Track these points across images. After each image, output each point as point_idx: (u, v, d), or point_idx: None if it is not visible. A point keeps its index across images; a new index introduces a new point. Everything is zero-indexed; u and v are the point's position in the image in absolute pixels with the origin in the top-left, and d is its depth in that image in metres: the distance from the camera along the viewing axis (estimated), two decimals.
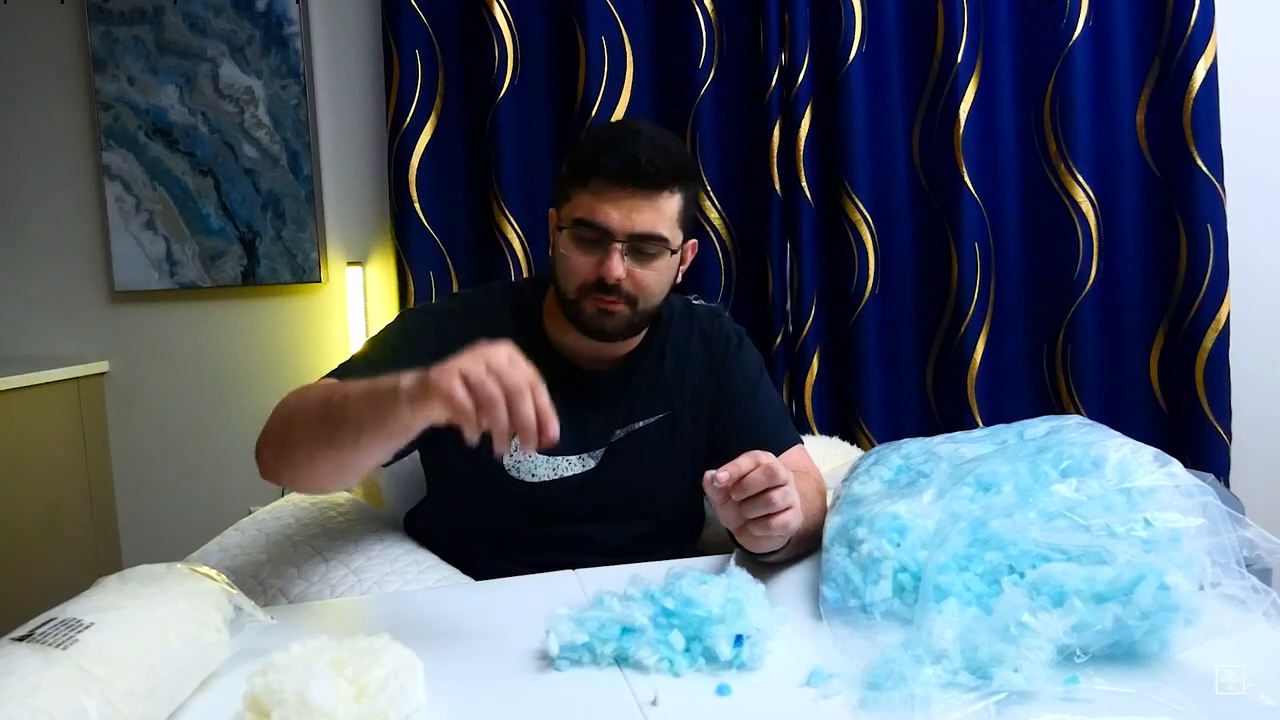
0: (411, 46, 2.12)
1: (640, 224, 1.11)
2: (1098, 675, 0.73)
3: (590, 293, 1.13)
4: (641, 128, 1.13)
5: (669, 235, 1.13)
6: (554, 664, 0.81)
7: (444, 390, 0.82)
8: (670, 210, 1.13)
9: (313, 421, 0.97)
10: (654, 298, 1.17)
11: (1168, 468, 0.85)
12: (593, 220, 1.11)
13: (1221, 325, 2.09)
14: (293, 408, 1.03)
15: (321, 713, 0.64)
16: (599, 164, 1.11)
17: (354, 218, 2.32)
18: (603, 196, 1.11)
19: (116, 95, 2.28)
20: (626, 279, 1.12)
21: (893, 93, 2.15)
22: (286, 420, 1.03)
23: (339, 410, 0.94)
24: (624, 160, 1.09)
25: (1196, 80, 2.05)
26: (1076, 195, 2.12)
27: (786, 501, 0.92)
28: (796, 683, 0.77)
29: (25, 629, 0.70)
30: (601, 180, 1.11)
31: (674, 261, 1.17)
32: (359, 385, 0.93)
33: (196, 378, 2.37)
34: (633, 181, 1.10)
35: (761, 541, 0.96)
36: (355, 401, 0.92)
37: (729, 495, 0.92)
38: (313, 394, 1.02)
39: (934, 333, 2.21)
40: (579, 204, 1.13)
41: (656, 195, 1.12)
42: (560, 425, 1.20)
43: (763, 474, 0.90)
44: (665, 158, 1.11)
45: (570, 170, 1.16)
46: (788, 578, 1.03)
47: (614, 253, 1.11)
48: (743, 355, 1.29)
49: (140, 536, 2.40)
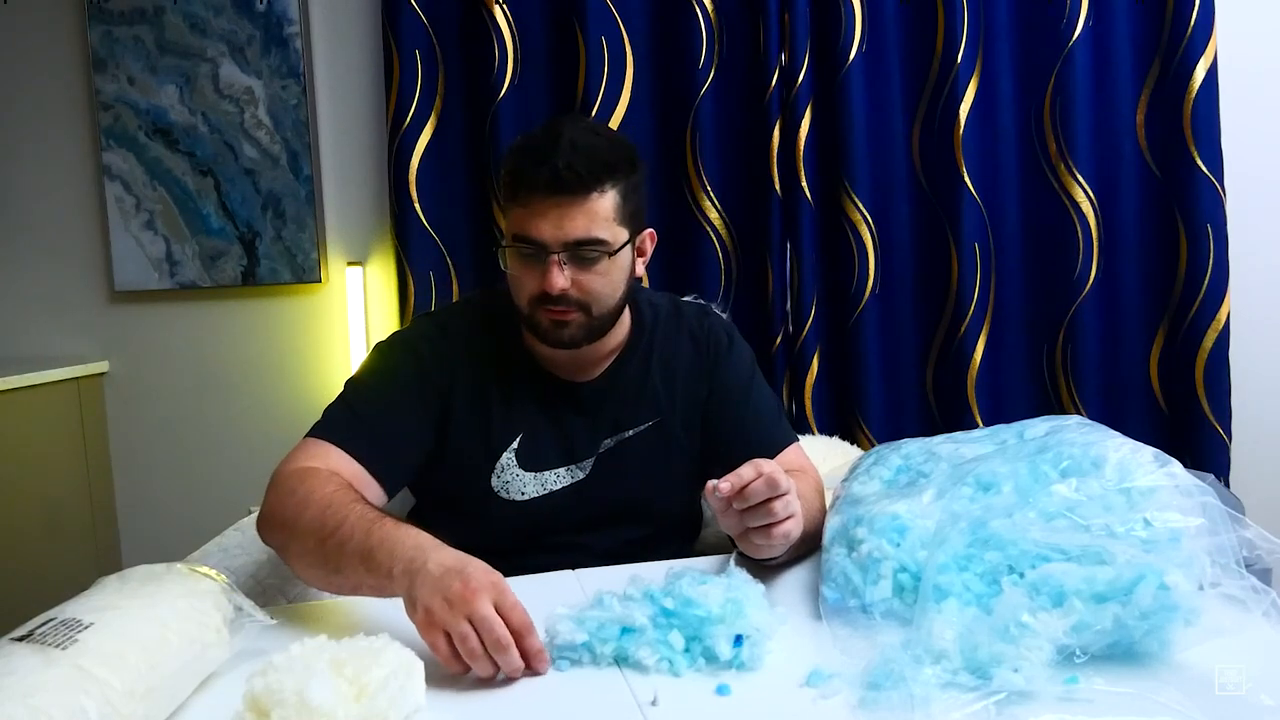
0: (411, 46, 2.12)
1: (573, 231, 1.08)
2: (1098, 675, 0.73)
3: (540, 305, 1.12)
4: (565, 129, 1.08)
5: (607, 236, 1.10)
6: (554, 664, 0.81)
7: (428, 639, 0.81)
8: (604, 210, 1.09)
9: (309, 550, 0.96)
10: (607, 299, 1.14)
11: (1168, 468, 0.85)
12: (526, 235, 1.09)
13: (1221, 325, 2.09)
14: (289, 519, 0.99)
15: (321, 713, 0.64)
16: (524, 177, 1.09)
17: (354, 218, 2.32)
18: (532, 209, 1.08)
19: (116, 95, 2.28)
20: (572, 287, 1.09)
21: (893, 93, 2.15)
22: (283, 524, 1.00)
23: (336, 553, 0.92)
24: (545, 171, 1.06)
25: (1196, 80, 2.05)
26: (1076, 195, 2.12)
27: (788, 511, 0.92)
28: (796, 683, 0.77)
29: (25, 629, 0.70)
30: (528, 193, 1.08)
31: (622, 260, 1.13)
32: (357, 536, 0.91)
33: (196, 378, 2.37)
34: (557, 190, 1.07)
35: (762, 549, 0.96)
36: (351, 556, 0.91)
37: (730, 504, 0.92)
38: (306, 511, 0.97)
39: (934, 333, 2.21)
40: (514, 218, 1.11)
41: (584, 199, 1.08)
42: (545, 437, 1.20)
43: (764, 484, 0.90)
44: (587, 160, 1.07)
45: (503, 185, 1.14)
46: (788, 578, 1.03)
47: (552, 265, 1.08)
48: (734, 355, 1.27)
49: (140, 536, 2.40)
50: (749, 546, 0.97)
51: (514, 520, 1.19)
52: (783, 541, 0.94)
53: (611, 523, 1.22)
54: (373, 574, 0.88)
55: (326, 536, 0.93)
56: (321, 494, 0.98)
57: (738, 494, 0.91)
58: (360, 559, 0.89)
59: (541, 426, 1.20)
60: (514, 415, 1.19)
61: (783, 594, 0.98)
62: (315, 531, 0.95)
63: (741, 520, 0.93)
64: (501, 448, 1.18)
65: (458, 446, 1.18)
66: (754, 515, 0.92)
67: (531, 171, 1.07)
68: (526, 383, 1.21)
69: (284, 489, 1.02)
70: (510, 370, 1.20)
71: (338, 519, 0.94)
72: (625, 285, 1.16)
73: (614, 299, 1.15)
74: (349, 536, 0.91)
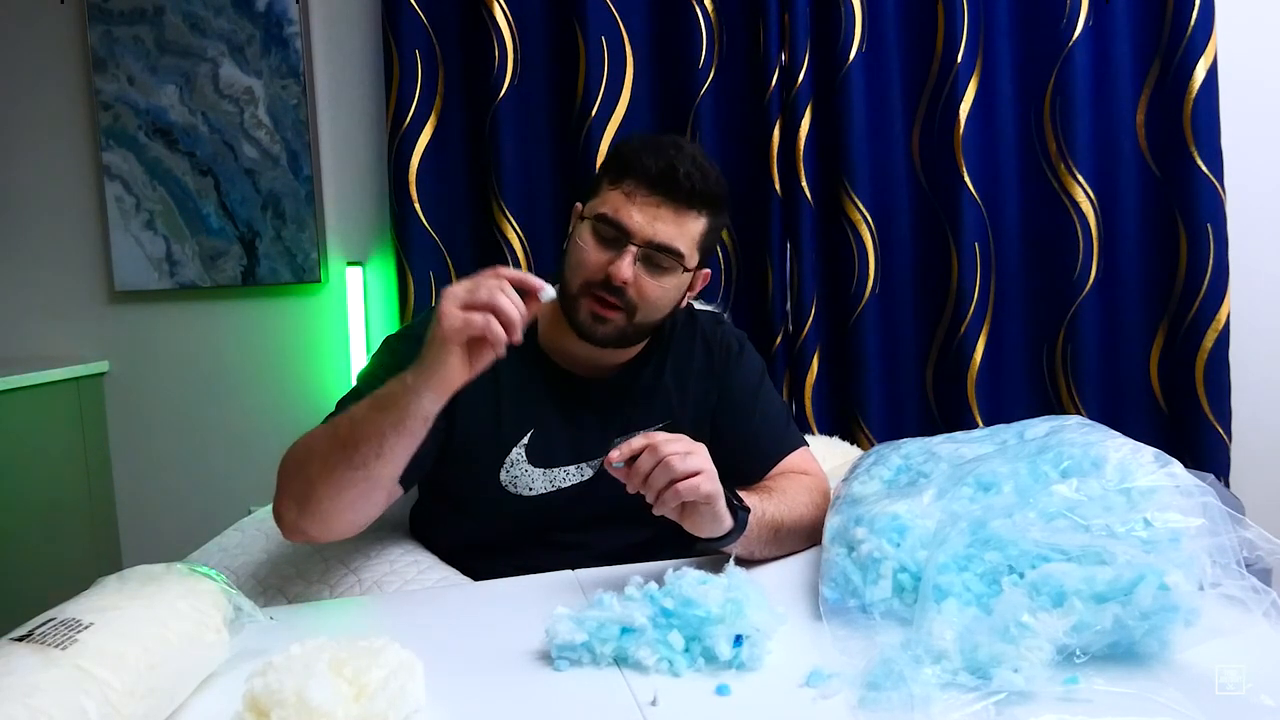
0: (411, 46, 2.12)
1: (661, 234, 1.10)
2: (1098, 675, 0.73)
3: (592, 290, 1.12)
4: (688, 147, 1.13)
5: (686, 253, 1.12)
6: (553, 664, 0.81)
7: (453, 325, 0.92)
8: (694, 230, 1.13)
9: (329, 454, 0.99)
10: (654, 312, 1.15)
11: (1168, 468, 0.85)
12: (616, 219, 1.10)
13: (1221, 325, 2.09)
14: (301, 454, 1.03)
15: (321, 713, 0.64)
16: (637, 165, 1.11)
17: (354, 218, 2.32)
18: (632, 198, 1.10)
19: (116, 95, 2.28)
20: (632, 285, 1.11)
21: (893, 93, 2.15)
22: (299, 467, 1.02)
23: (352, 433, 0.97)
24: (662, 167, 1.09)
25: (1196, 80, 2.05)
26: (1076, 195, 2.12)
27: (686, 467, 0.94)
28: (796, 683, 0.77)
29: (25, 629, 0.70)
30: (634, 181, 1.11)
31: (683, 281, 1.16)
32: (362, 405, 0.98)
33: (196, 378, 2.37)
34: (665, 190, 1.10)
35: (695, 520, 0.98)
36: (366, 417, 0.97)
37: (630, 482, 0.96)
38: (316, 435, 1.03)
39: (934, 333, 2.21)
40: (607, 199, 1.12)
41: (685, 211, 1.11)
42: (557, 434, 1.21)
43: (648, 455, 0.94)
44: (703, 178, 1.11)
45: (607, 166, 1.16)
46: (788, 578, 1.03)
47: (627, 254, 1.10)
48: (744, 361, 1.29)
49: (140, 536, 2.40)
50: (689, 522, 0.99)
51: (520, 516, 1.20)
52: (695, 495, 0.95)
53: (616, 523, 1.22)
54: (391, 402, 0.96)
55: (336, 428, 1.00)
56: (319, 427, 1.05)
57: (629, 474, 0.95)
58: (374, 406, 0.97)
59: (553, 423, 1.20)
60: (526, 411, 1.20)
61: (783, 594, 0.98)
62: (329, 436, 1.00)
63: (648, 490, 0.95)
64: (512, 442, 1.19)
65: (466, 440, 1.18)
66: (656, 478, 0.94)
67: (651, 163, 1.10)
68: (541, 379, 1.22)
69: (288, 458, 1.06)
70: (525, 366, 1.21)
71: (343, 417, 1.01)
72: (671, 308, 1.18)
73: (660, 314, 1.17)
74: (355, 411, 0.99)
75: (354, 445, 0.96)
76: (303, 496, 1.01)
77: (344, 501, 1.00)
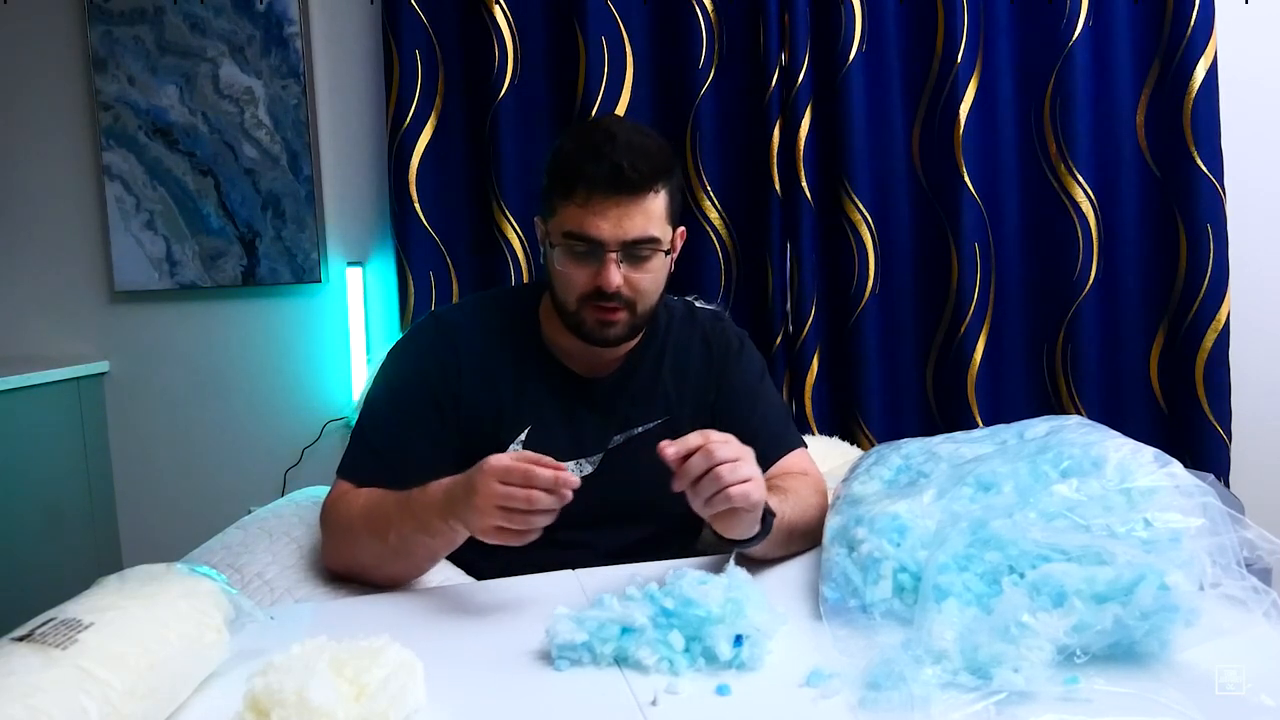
0: (411, 46, 2.12)
1: (632, 230, 1.10)
2: (1098, 675, 0.73)
3: (589, 302, 1.12)
4: (616, 129, 1.10)
5: (660, 235, 1.12)
6: (554, 664, 0.81)
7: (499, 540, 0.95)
8: (658, 209, 1.12)
9: (381, 557, 1.07)
10: (653, 297, 1.17)
11: (1168, 468, 0.85)
12: (583, 233, 1.10)
13: (1221, 325, 2.09)
14: (346, 541, 1.11)
15: (321, 713, 0.64)
16: (582, 174, 1.09)
17: (354, 218, 2.32)
18: (590, 207, 1.09)
19: (116, 95, 2.28)
20: (624, 285, 1.11)
21: (893, 93, 2.15)
22: (347, 545, 1.12)
23: (403, 545, 1.05)
24: (607, 168, 1.07)
25: (1196, 80, 2.05)
26: (1076, 195, 2.12)
27: (736, 475, 0.93)
28: (796, 683, 0.77)
29: (25, 629, 0.70)
30: (586, 191, 1.09)
31: (668, 260, 1.17)
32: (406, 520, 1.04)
33: (196, 378, 2.37)
34: (618, 189, 1.08)
35: (732, 523, 0.97)
36: (414, 538, 1.04)
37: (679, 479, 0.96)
38: (357, 521, 1.10)
39: (934, 333, 2.21)
40: (567, 216, 1.11)
41: (643, 198, 1.10)
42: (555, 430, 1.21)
43: (701, 457, 0.93)
44: (646, 159, 1.09)
45: (553, 181, 1.14)
46: (788, 578, 1.03)
47: (609, 263, 1.10)
48: (744, 359, 1.29)
49: (140, 536, 2.40)
50: (722, 524, 0.97)
51: None
52: (743, 502, 0.94)
53: (616, 520, 1.22)
54: (437, 536, 1.02)
55: (385, 532, 1.05)
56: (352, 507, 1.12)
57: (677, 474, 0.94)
58: (418, 530, 1.03)
59: (552, 420, 1.20)
60: (524, 407, 1.20)
61: (783, 594, 0.98)
62: (379, 547, 1.07)
63: (696, 494, 0.94)
64: (509, 438, 1.19)
65: (466, 436, 1.18)
66: (705, 485, 0.93)
67: (592, 169, 1.08)
68: (539, 376, 1.22)
69: (331, 523, 1.14)
70: (524, 363, 1.21)
71: (378, 522, 1.06)
72: (665, 282, 1.19)
73: (657, 296, 1.18)
74: (400, 524, 1.04)
75: (407, 554, 1.06)
76: (355, 573, 1.12)
77: (396, 579, 1.10)
